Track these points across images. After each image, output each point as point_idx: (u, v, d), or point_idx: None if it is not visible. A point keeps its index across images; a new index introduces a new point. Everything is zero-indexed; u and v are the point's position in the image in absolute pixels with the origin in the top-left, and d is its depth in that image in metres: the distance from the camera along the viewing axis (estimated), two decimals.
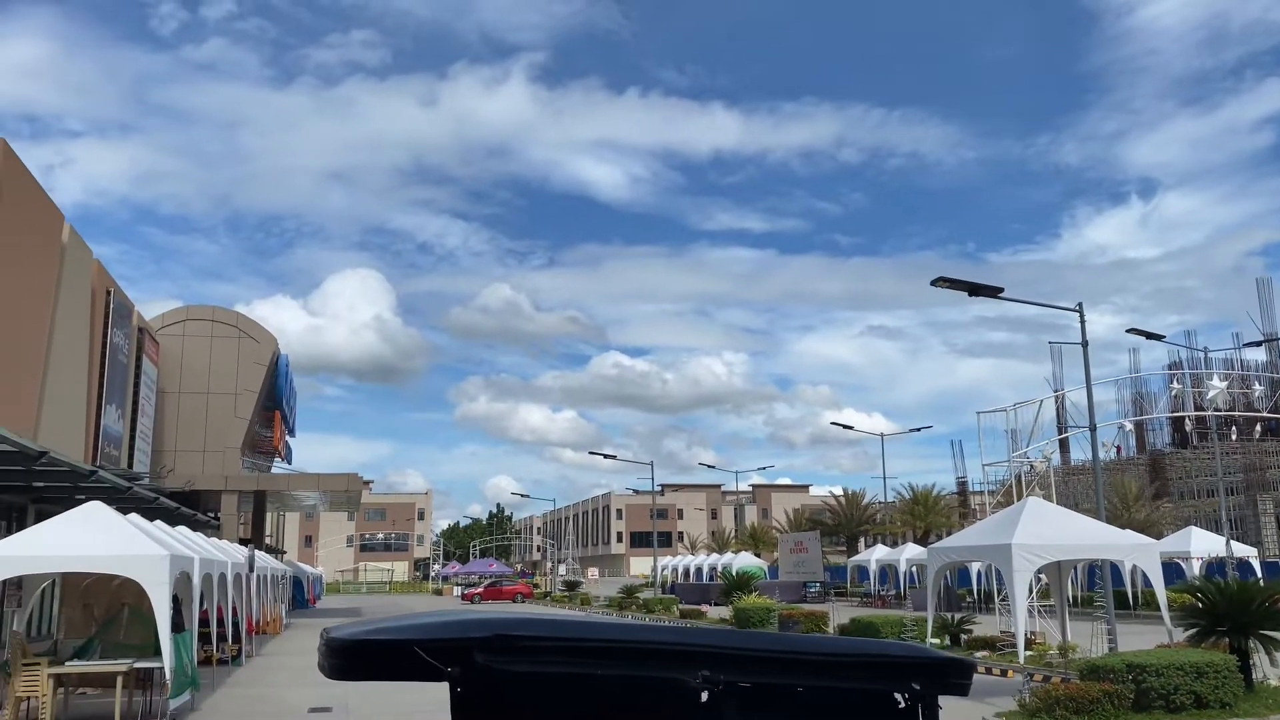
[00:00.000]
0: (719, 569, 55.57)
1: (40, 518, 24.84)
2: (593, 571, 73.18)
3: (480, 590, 64.30)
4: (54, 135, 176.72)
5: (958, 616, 22.14)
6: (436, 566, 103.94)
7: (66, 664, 12.78)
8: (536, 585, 73.26)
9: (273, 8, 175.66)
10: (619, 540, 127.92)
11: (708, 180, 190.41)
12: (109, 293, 33.34)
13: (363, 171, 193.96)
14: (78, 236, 29.72)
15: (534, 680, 2.83)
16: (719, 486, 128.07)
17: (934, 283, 18.27)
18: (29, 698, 12.45)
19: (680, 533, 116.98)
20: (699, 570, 64.92)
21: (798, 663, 3.14)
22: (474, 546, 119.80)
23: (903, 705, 3.23)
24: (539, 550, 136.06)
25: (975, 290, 18.43)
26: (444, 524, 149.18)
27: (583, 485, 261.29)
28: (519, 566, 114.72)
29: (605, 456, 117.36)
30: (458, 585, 76.32)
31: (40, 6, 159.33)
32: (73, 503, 23.63)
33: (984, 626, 22.16)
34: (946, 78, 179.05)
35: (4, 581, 12.23)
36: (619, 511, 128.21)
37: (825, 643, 3.35)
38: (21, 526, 24.64)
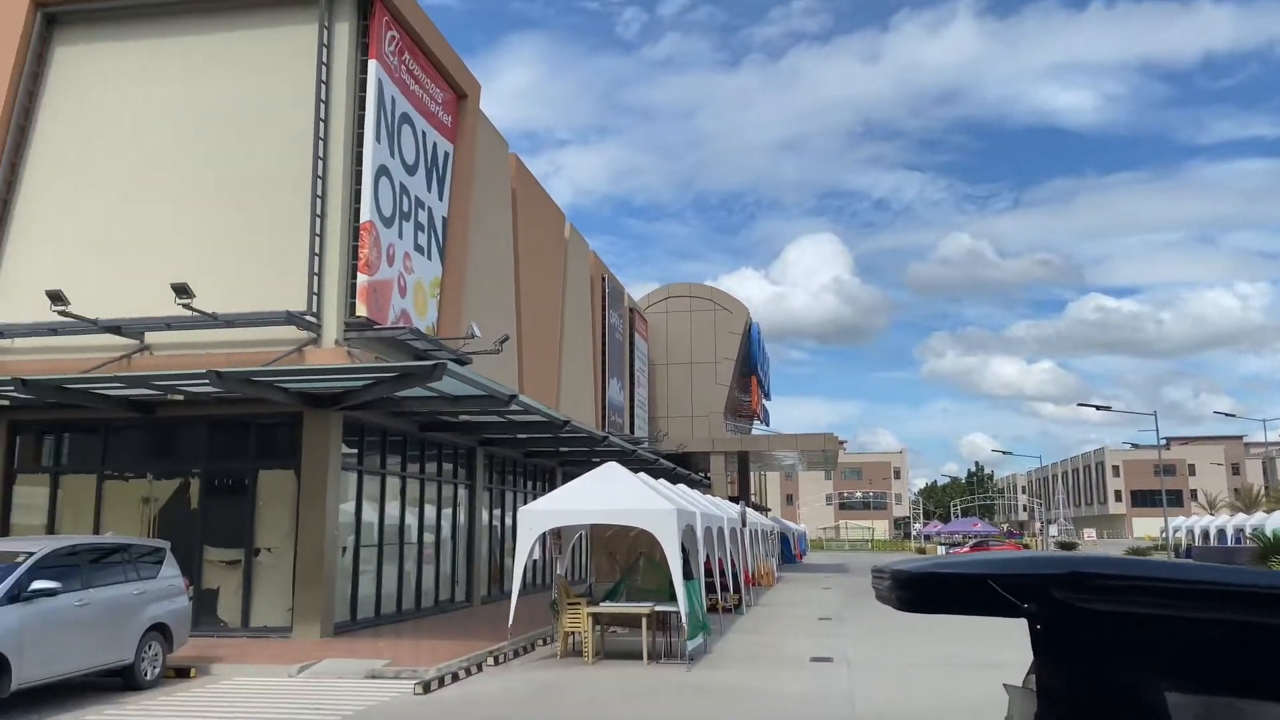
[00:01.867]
0: (1247, 530, 48.45)
1: (566, 478, 28.44)
2: (1089, 532, 67.73)
3: (966, 549, 62.46)
4: (547, 147, 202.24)
5: None
6: (917, 525, 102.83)
7: (600, 605, 14.53)
8: (1026, 545, 69.47)
9: None
10: (1117, 499, 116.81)
11: (1198, 88, 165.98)
12: (604, 279, 37.30)
13: (812, 138, 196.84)
14: (576, 232, 33.57)
15: (1117, 619, 2.76)
16: (1240, 438, 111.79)
17: None
18: (574, 632, 14.38)
19: (1193, 490, 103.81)
20: (1220, 532, 57.09)
21: None
22: (954, 505, 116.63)
23: None
24: (1025, 510, 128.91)
25: None
26: (920, 483, 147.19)
27: (1068, 441, 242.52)
28: (1004, 526, 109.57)
29: (1097, 408, 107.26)
30: (941, 544, 74.81)
31: (527, 35, 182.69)
32: (589, 465, 26.73)
33: None
34: None
35: (545, 533, 14.18)
36: (1115, 468, 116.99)
37: None
38: (551, 486, 28.56)
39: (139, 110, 17.35)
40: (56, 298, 15.49)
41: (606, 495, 13.91)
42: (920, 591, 3.00)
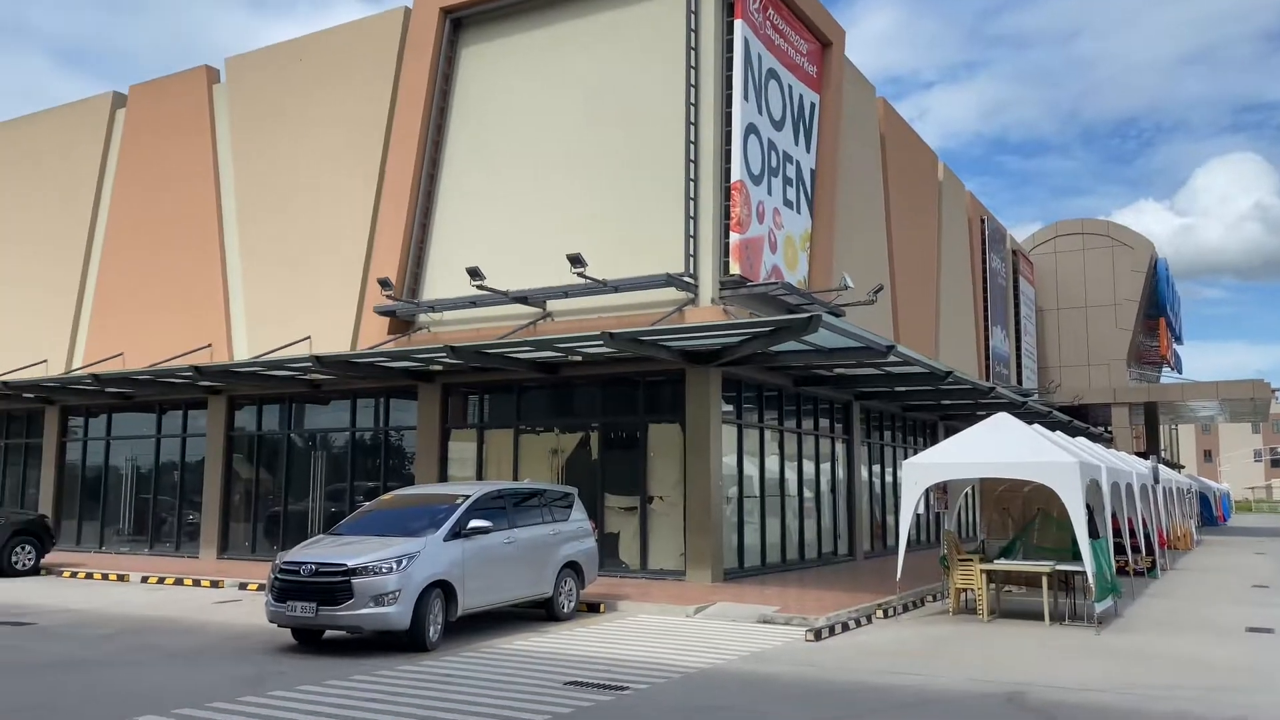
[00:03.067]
0: None
1: (948, 433, 27.30)
2: None
3: None
4: (912, 91, 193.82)
5: None
6: None
7: (995, 562, 13.82)
8: None
9: None
10: None
11: None
12: (982, 221, 35.17)
13: (1220, 48, 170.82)
14: (951, 173, 31.91)
15: None
16: None
17: None
18: (966, 590, 13.81)
19: None
20: None
21: None
22: None
23: None
24: None
25: None
26: None
27: None
28: None
29: None
30: None
31: None
32: (972, 419, 25.41)
33: None
34: None
35: (929, 487, 13.69)
36: None
37: None
38: (931, 441, 27.58)
39: (530, 98, 18.96)
40: (475, 274, 17.45)
41: (998, 447, 13.14)
42: None
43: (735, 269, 16.82)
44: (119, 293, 23.75)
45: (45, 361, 24.62)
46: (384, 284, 18.77)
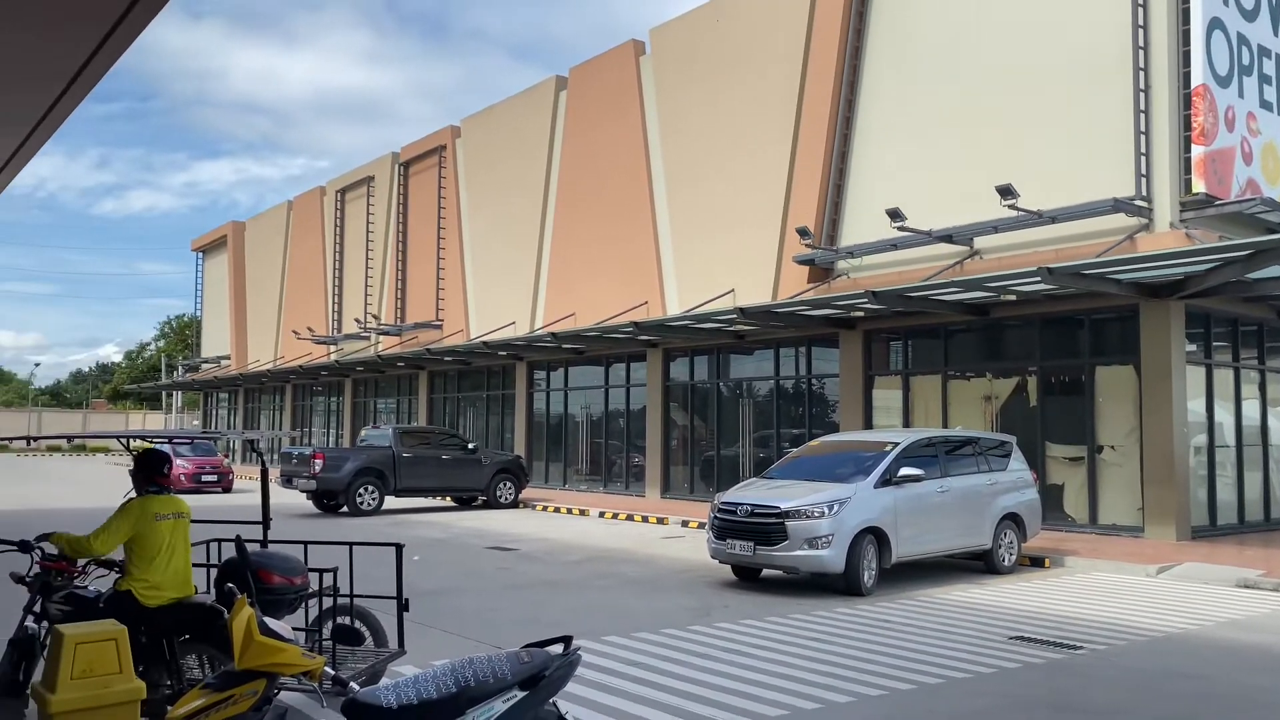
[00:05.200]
0: None
1: None
2: None
3: None
4: None
5: None
6: None
7: None
8: None
9: None
10: None
11: None
12: None
13: None
14: None
15: None
16: None
17: None
18: None
19: None
20: None
21: None
22: None
23: None
24: None
25: None
26: None
27: None
28: None
29: None
30: None
31: None
32: None
33: None
34: None
35: None
36: None
37: None
38: None
39: (954, 13, 17.91)
40: (895, 215, 16.99)
41: None
42: None
43: (1199, 187, 14.69)
44: (569, 260, 26.38)
45: (513, 323, 28.10)
46: (802, 233, 18.93)
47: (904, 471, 11.37)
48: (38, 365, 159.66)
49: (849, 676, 7.16)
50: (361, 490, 20.40)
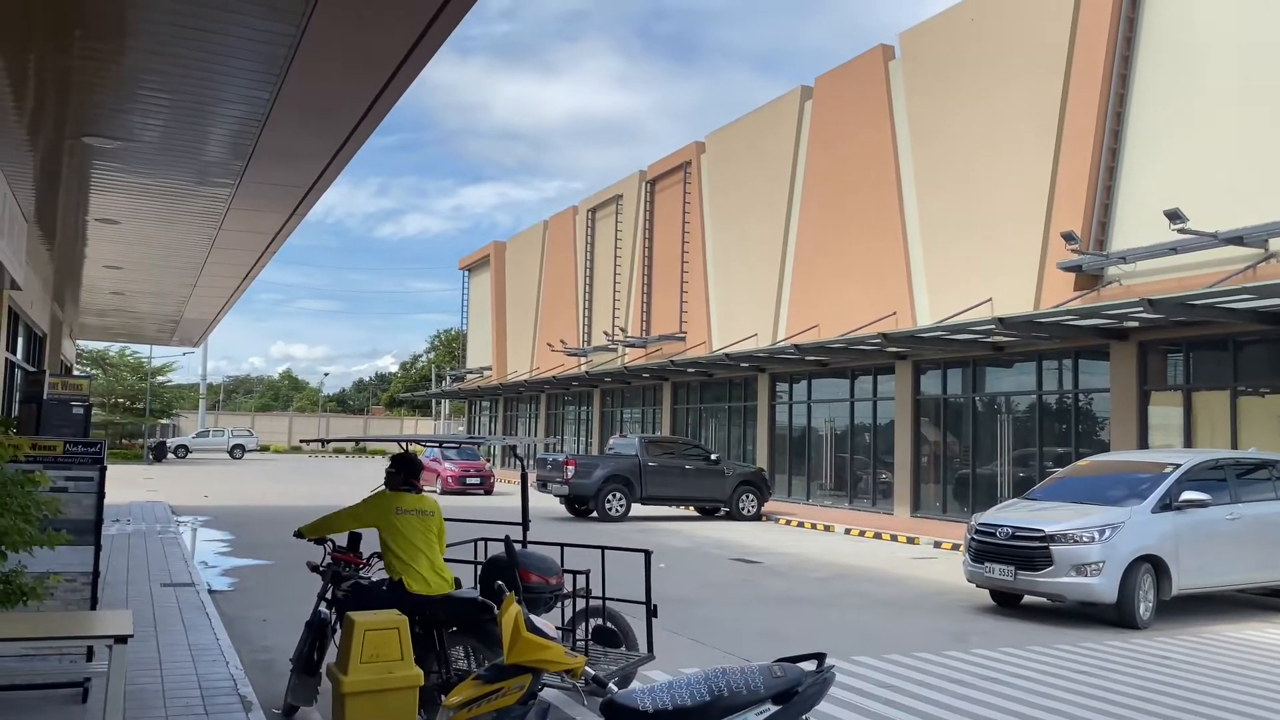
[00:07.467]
0: None
1: None
2: None
3: None
4: None
5: None
6: None
7: None
8: None
9: None
10: None
11: None
12: None
13: None
14: None
15: None
16: None
17: None
18: None
19: None
20: None
21: None
22: None
23: None
24: None
25: None
26: None
27: None
28: None
29: None
30: None
31: None
32: None
33: None
34: None
35: None
36: None
37: None
38: None
39: (1229, 14, 16.23)
40: (1174, 216, 15.57)
41: None
42: None
43: None
44: (812, 270, 26.09)
45: (755, 335, 28.12)
46: (1068, 238, 17.73)
47: (1186, 495, 10.37)
48: (326, 375, 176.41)
49: (1125, 716, 6.60)
50: (610, 497, 21.09)
